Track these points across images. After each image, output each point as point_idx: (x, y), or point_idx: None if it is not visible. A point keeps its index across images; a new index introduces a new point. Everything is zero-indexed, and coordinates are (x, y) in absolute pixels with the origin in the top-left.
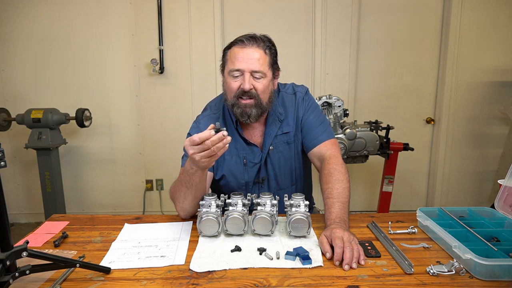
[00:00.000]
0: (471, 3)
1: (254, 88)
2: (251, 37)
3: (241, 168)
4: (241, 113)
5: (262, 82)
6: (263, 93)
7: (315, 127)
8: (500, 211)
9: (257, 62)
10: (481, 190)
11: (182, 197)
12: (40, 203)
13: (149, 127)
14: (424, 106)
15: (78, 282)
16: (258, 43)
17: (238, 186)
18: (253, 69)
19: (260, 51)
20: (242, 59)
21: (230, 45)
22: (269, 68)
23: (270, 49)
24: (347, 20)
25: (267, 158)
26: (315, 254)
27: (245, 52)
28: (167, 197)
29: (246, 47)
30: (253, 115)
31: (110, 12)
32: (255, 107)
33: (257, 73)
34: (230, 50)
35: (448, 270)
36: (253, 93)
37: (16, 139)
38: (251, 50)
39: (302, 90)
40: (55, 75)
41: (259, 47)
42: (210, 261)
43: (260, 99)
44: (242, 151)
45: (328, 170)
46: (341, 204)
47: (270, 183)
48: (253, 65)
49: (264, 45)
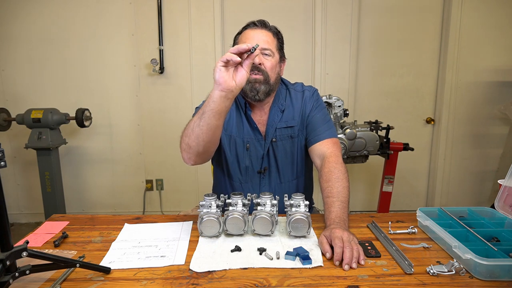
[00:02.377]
0: (471, 3)
1: (263, 64)
2: (261, 21)
3: (244, 152)
4: (251, 88)
5: (271, 60)
6: (271, 71)
7: (320, 124)
8: (500, 211)
9: (266, 41)
10: (481, 190)
11: (190, 130)
12: (40, 203)
13: (149, 127)
14: (424, 106)
15: (78, 282)
16: (268, 27)
17: (239, 171)
18: (263, 47)
19: (269, 33)
20: (253, 38)
21: (241, 30)
22: (276, 50)
23: (278, 35)
24: (347, 20)
25: (270, 149)
26: (315, 254)
27: (256, 32)
28: (167, 197)
29: (257, 28)
30: (261, 90)
31: (110, 12)
32: (264, 84)
33: (266, 50)
34: (241, 34)
35: (448, 270)
36: (262, 69)
37: (16, 139)
38: (261, 31)
39: (311, 89)
40: (55, 75)
41: (268, 30)
42: (210, 261)
43: (268, 76)
44: (247, 135)
45: (328, 168)
46: (341, 204)
47: (271, 175)
48: (262, 43)
49: (273, 29)
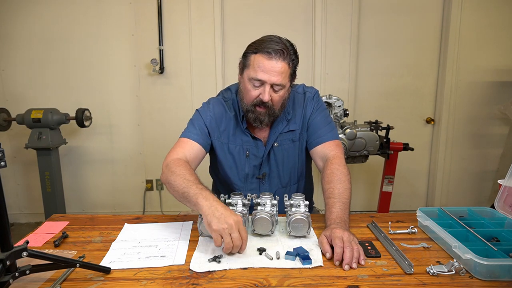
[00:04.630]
0: (471, 3)
1: (271, 99)
2: (279, 49)
3: (243, 159)
4: (255, 118)
5: (279, 93)
6: (277, 103)
7: (321, 126)
8: (500, 211)
9: (280, 75)
10: (481, 190)
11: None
12: (40, 203)
13: (149, 127)
14: (424, 106)
15: (78, 282)
16: (284, 57)
17: (238, 178)
18: (275, 82)
19: (285, 65)
20: (266, 70)
21: (256, 50)
22: (288, 79)
23: (293, 61)
24: (347, 20)
25: (271, 154)
26: (315, 254)
27: (270, 64)
28: (167, 197)
29: (272, 59)
30: (265, 122)
31: (110, 12)
32: (268, 115)
33: (278, 86)
34: (254, 56)
35: (448, 270)
36: (268, 104)
37: (16, 139)
38: (276, 62)
39: (312, 91)
40: (55, 75)
41: (284, 61)
42: (210, 261)
43: (274, 109)
44: (246, 143)
45: (330, 170)
46: (342, 204)
47: (272, 180)
48: (275, 78)
49: (289, 58)
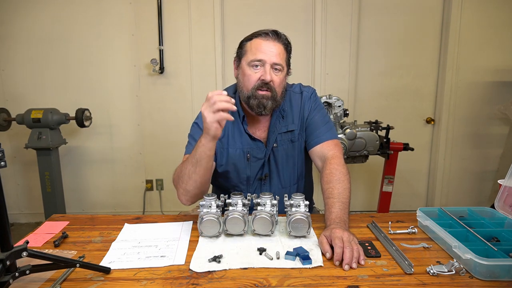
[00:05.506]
0: (471, 3)
1: (273, 80)
2: (274, 31)
3: (244, 162)
4: (258, 104)
5: (280, 76)
6: (279, 87)
7: (320, 126)
8: (500, 211)
9: (278, 55)
10: (481, 190)
11: (187, 177)
12: (40, 203)
13: (149, 127)
14: (424, 106)
15: (78, 282)
16: (279, 38)
17: (239, 181)
18: (275, 61)
19: (281, 46)
20: (264, 51)
21: (251, 37)
22: (285, 63)
23: (287, 47)
24: (347, 20)
25: (270, 155)
26: (315, 254)
27: (268, 45)
28: (167, 197)
29: (269, 39)
30: (268, 107)
31: (110, 12)
32: (271, 100)
33: (278, 65)
34: (251, 42)
35: (448, 270)
36: (270, 86)
37: (16, 139)
38: (273, 43)
39: (309, 90)
40: (55, 75)
41: (280, 42)
42: (210, 261)
43: (276, 92)
44: (247, 145)
45: (329, 170)
46: (341, 204)
47: (272, 181)
48: (275, 58)
49: (284, 41)
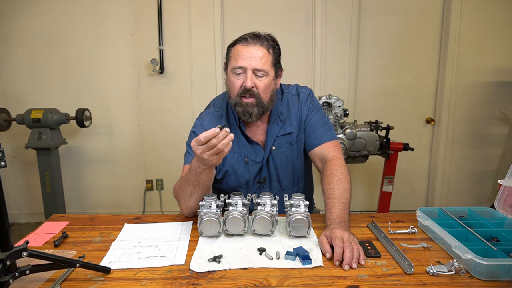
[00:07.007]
0: (471, 3)
1: (256, 86)
2: (254, 35)
3: (242, 166)
4: (243, 111)
5: (264, 81)
6: (264, 92)
7: (319, 127)
8: (500, 211)
9: (260, 60)
10: (481, 190)
11: (188, 196)
12: (40, 203)
13: (149, 127)
14: (424, 106)
15: (78, 282)
16: (261, 42)
17: (238, 185)
18: (255, 67)
19: (263, 50)
20: (245, 57)
21: (234, 43)
22: (271, 67)
23: (274, 48)
24: (347, 20)
25: (269, 158)
26: (315, 254)
27: (248, 50)
28: (167, 197)
29: (249, 45)
30: (254, 113)
31: (110, 12)
32: (256, 106)
33: (259, 71)
34: (233, 48)
35: (448, 270)
36: (254, 92)
37: (16, 139)
38: (254, 48)
39: (306, 91)
40: (55, 75)
41: (262, 46)
42: (210, 261)
43: (261, 98)
44: (244, 149)
45: (330, 170)
46: (342, 205)
47: (272, 184)
48: (256, 63)
49: (267, 44)
